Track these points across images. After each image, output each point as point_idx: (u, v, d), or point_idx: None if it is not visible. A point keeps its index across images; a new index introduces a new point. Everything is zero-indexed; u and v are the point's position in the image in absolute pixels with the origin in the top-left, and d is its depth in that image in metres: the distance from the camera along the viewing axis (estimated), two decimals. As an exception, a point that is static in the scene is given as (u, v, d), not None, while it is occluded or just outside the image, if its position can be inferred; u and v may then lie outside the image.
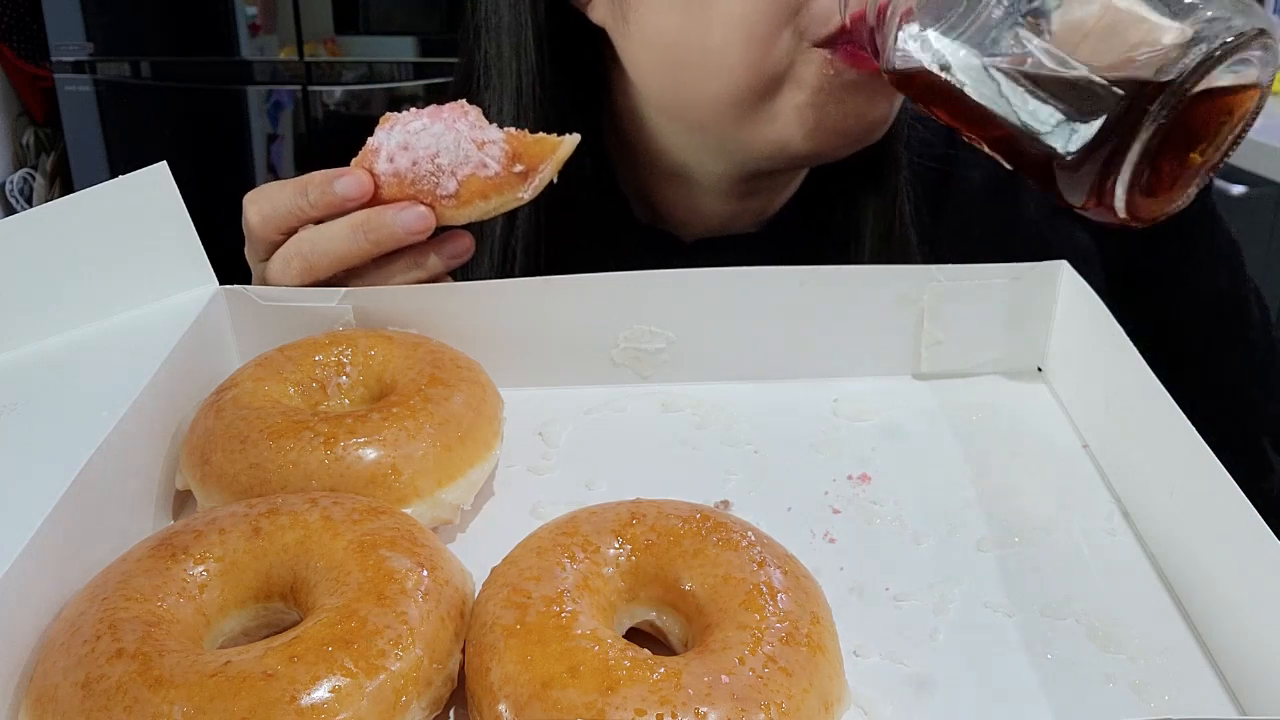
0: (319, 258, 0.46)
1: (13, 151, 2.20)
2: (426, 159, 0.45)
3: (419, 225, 0.45)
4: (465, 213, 0.46)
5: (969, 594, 0.36)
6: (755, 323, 0.48)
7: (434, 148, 0.45)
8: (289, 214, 0.46)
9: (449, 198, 0.45)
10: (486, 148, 0.45)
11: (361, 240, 0.45)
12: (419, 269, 0.47)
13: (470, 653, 0.30)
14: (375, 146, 0.46)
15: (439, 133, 0.45)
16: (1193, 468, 0.34)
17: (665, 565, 0.32)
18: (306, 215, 0.46)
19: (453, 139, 0.45)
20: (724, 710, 0.26)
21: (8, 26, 2.13)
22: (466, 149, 0.45)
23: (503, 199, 0.46)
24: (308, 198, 0.46)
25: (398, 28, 2.04)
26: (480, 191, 0.45)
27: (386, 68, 2.03)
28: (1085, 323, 0.45)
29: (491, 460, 0.40)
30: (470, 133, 0.45)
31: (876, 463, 0.43)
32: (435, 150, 0.45)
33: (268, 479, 0.36)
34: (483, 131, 0.45)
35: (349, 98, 2.06)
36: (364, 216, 0.45)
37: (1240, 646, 0.32)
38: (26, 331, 0.43)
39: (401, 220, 0.45)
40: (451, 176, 0.45)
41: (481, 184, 0.45)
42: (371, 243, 0.45)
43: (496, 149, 0.45)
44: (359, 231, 0.45)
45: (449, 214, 0.46)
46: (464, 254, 0.48)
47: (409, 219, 0.45)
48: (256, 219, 0.47)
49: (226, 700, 0.26)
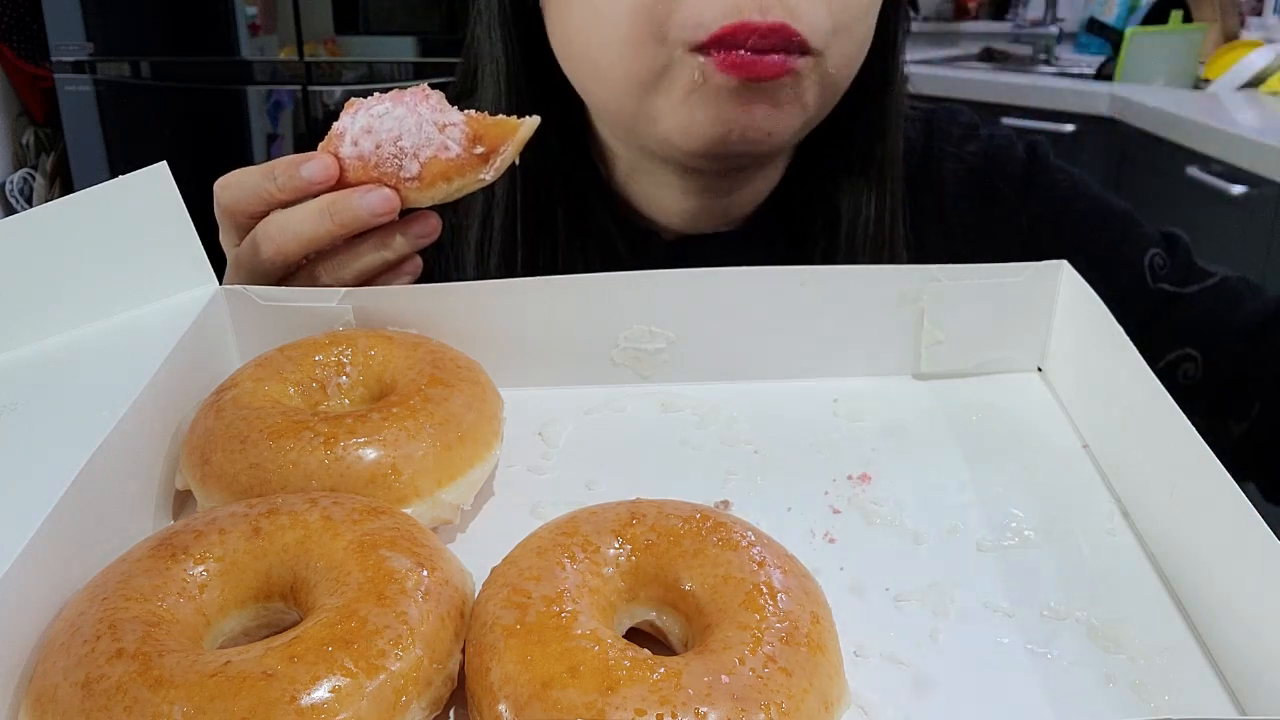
0: (287, 240, 0.47)
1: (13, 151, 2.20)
2: (389, 142, 0.45)
3: (383, 207, 0.46)
4: (429, 194, 0.46)
5: (969, 594, 0.36)
6: (755, 323, 0.48)
7: (396, 130, 0.45)
8: (257, 198, 0.48)
9: (412, 180, 0.46)
10: (448, 130, 0.46)
11: (328, 222, 0.46)
12: (386, 249, 0.48)
13: (470, 653, 0.30)
14: (340, 131, 0.47)
15: (401, 116, 0.46)
16: (1193, 468, 0.34)
17: (665, 565, 0.32)
18: (274, 199, 0.47)
19: (414, 122, 0.45)
20: (724, 710, 0.26)
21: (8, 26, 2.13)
22: (428, 132, 0.45)
23: (465, 180, 0.46)
24: (275, 182, 0.47)
25: (398, 28, 2.04)
26: (443, 173, 0.46)
27: (386, 68, 2.03)
28: (1085, 323, 0.45)
29: (491, 460, 0.40)
30: (432, 115, 0.46)
31: (876, 463, 0.43)
32: (398, 133, 0.45)
33: (268, 479, 0.36)
34: (444, 114, 0.46)
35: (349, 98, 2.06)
36: (330, 199, 0.46)
37: (1240, 646, 0.32)
38: (26, 331, 0.43)
39: (366, 202, 0.46)
40: (414, 159, 0.45)
41: (444, 166, 0.46)
42: (338, 224, 0.46)
43: (457, 131, 0.46)
44: (325, 214, 0.46)
45: (413, 196, 0.46)
46: (431, 234, 0.49)
47: (373, 201, 0.46)
48: (227, 203, 0.49)
49: (226, 700, 0.26)
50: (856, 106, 0.59)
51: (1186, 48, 2.04)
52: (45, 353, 0.43)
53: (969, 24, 2.73)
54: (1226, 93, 1.94)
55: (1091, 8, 2.41)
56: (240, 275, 0.49)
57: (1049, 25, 2.55)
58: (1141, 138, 1.83)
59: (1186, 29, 2.08)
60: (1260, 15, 2.26)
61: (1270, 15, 2.24)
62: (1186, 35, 2.06)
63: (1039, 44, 2.52)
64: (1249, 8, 2.26)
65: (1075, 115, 1.98)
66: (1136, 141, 1.85)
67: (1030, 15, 2.65)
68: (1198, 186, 1.65)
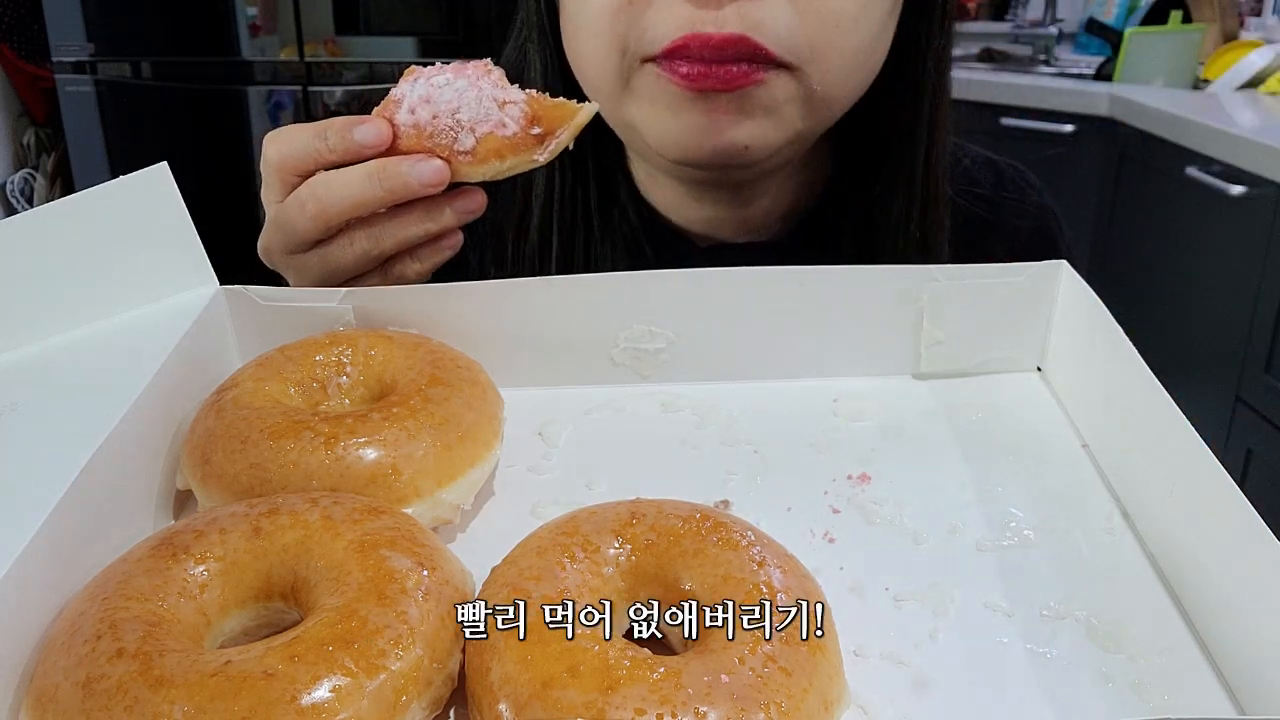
0: (333, 202, 0.46)
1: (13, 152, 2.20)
2: (447, 113, 0.45)
3: (434, 178, 0.45)
4: (481, 170, 0.46)
5: (969, 594, 0.36)
6: (755, 323, 0.48)
7: (455, 103, 0.45)
8: (307, 156, 0.47)
9: (466, 154, 0.45)
10: (507, 108, 0.45)
11: (376, 187, 0.45)
12: (431, 222, 0.47)
13: (470, 652, 0.30)
14: (398, 97, 0.46)
15: (462, 88, 0.45)
16: (1193, 468, 0.34)
17: (665, 565, 0.32)
18: (324, 159, 0.47)
19: (475, 96, 0.45)
20: (724, 710, 0.26)
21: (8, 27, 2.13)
22: (488, 107, 0.45)
23: (518, 159, 0.46)
24: (326, 141, 0.46)
25: (398, 28, 2.04)
26: (497, 150, 0.45)
27: (387, 68, 2.03)
28: (1085, 323, 0.45)
29: (491, 460, 0.40)
30: (493, 91, 0.45)
31: (876, 462, 0.43)
32: (457, 105, 0.45)
33: (268, 479, 0.36)
34: (505, 91, 0.46)
35: (349, 98, 2.06)
36: (380, 164, 0.46)
37: (1240, 646, 0.32)
38: (27, 331, 0.43)
39: (417, 171, 0.45)
40: (470, 133, 0.45)
41: (499, 143, 0.45)
42: (386, 190, 0.45)
43: (517, 110, 0.45)
44: (374, 179, 0.45)
45: (464, 170, 0.46)
46: (476, 210, 0.48)
47: (424, 171, 0.45)
48: (276, 158, 0.47)
49: (227, 700, 0.26)
50: (888, 117, 0.58)
51: (1186, 48, 2.04)
52: (45, 353, 0.43)
53: (969, 24, 2.72)
54: (1226, 93, 1.94)
55: (1091, 8, 2.41)
56: (279, 232, 0.48)
57: (1048, 26, 2.55)
58: (1141, 138, 1.83)
59: (1186, 29, 2.08)
60: (1260, 15, 2.26)
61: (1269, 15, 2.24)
62: (1186, 35, 2.06)
63: (1038, 44, 2.52)
64: (1248, 8, 2.26)
65: (1074, 116, 1.98)
66: (1136, 142, 1.85)
67: (1030, 16, 2.65)
68: (1197, 187, 1.65)
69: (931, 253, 0.60)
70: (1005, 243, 0.67)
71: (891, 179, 0.60)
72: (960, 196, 0.64)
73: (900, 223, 0.60)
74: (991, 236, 0.66)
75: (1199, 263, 1.74)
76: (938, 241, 0.61)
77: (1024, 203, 0.68)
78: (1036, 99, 2.03)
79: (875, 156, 0.60)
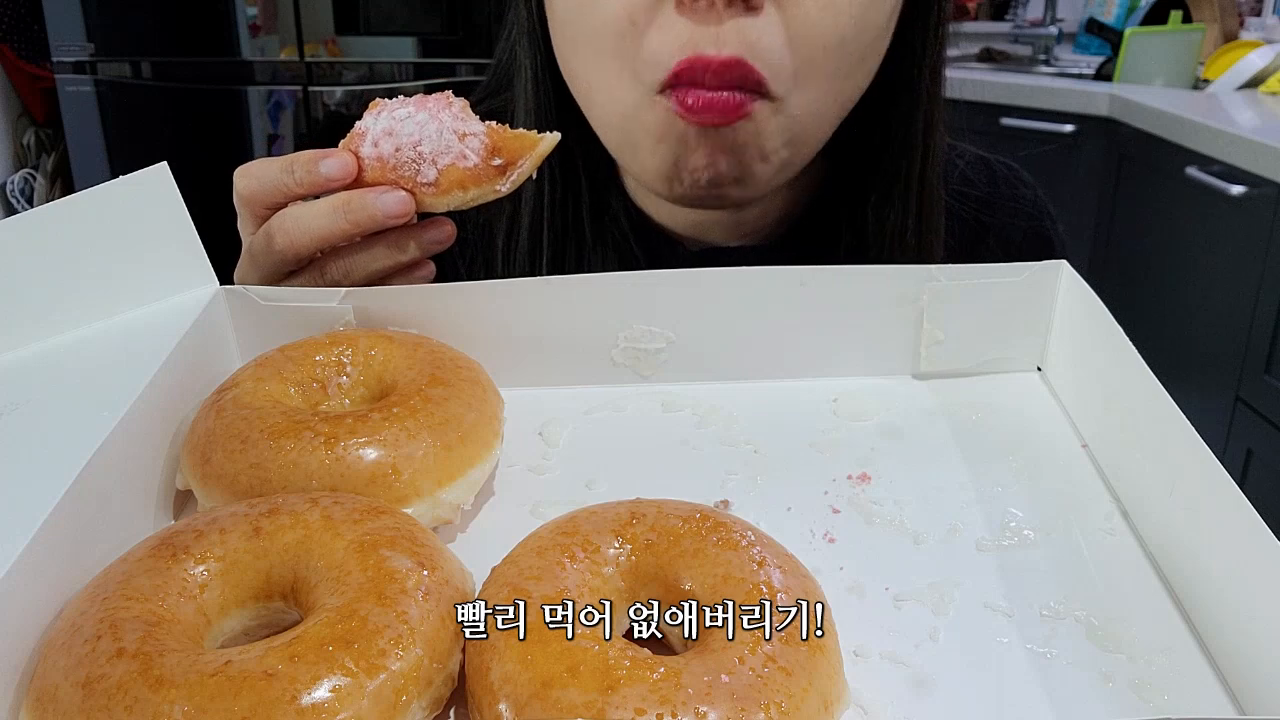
0: (300, 234, 0.47)
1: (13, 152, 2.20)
2: (409, 146, 0.45)
3: (398, 209, 0.46)
4: (444, 201, 0.46)
5: (969, 594, 0.36)
6: (755, 323, 0.48)
7: (416, 135, 0.45)
8: (275, 190, 0.47)
9: (429, 185, 0.46)
10: (467, 139, 0.46)
11: (341, 220, 0.46)
12: (400, 252, 0.48)
13: (470, 652, 0.30)
14: (361, 130, 0.47)
15: (423, 121, 0.46)
16: (1193, 468, 0.34)
17: (665, 565, 0.32)
18: (291, 192, 0.47)
19: (435, 128, 0.45)
20: (724, 710, 0.26)
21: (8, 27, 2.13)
22: (448, 139, 0.45)
23: (480, 190, 0.46)
24: (293, 175, 0.47)
25: (398, 28, 2.04)
26: (459, 182, 0.46)
27: (387, 68, 2.03)
28: (1085, 323, 0.45)
29: (491, 460, 0.40)
30: (453, 124, 0.46)
31: (876, 462, 0.43)
32: (418, 138, 0.45)
33: (268, 479, 0.36)
34: (465, 124, 0.46)
35: (349, 98, 2.06)
36: (346, 197, 0.46)
37: (1240, 646, 0.32)
38: (27, 331, 0.43)
39: (382, 203, 0.46)
40: (432, 165, 0.45)
41: (460, 174, 0.46)
42: (351, 223, 0.46)
43: (477, 141, 0.46)
44: (340, 211, 0.46)
45: (428, 201, 0.46)
46: (445, 241, 0.49)
47: (389, 203, 0.46)
48: (245, 192, 0.48)
49: (227, 700, 0.26)
50: (882, 126, 0.58)
51: (1186, 48, 2.04)
52: (45, 353, 0.43)
53: (968, 24, 2.72)
54: (1226, 93, 1.94)
55: (1091, 8, 2.41)
56: (252, 264, 0.49)
57: (1048, 26, 2.55)
58: (1141, 138, 1.83)
59: (1186, 29, 2.08)
60: (1260, 15, 2.26)
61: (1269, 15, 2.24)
62: (1186, 36, 2.06)
63: (1038, 44, 2.52)
64: (1248, 8, 2.26)
65: (1074, 116, 1.98)
66: (1136, 142, 1.85)
67: (1030, 16, 2.65)
68: (1197, 187, 1.65)
69: (927, 259, 0.60)
70: (1000, 241, 0.67)
71: (887, 188, 0.59)
72: (955, 198, 0.64)
73: (896, 231, 0.60)
74: (987, 235, 0.66)
75: (1199, 263, 1.74)
76: (934, 248, 0.61)
77: (1018, 201, 0.68)
78: (1036, 99, 2.03)
79: (870, 165, 0.60)
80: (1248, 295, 1.58)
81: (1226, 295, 1.65)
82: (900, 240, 0.60)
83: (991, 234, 0.66)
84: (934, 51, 0.58)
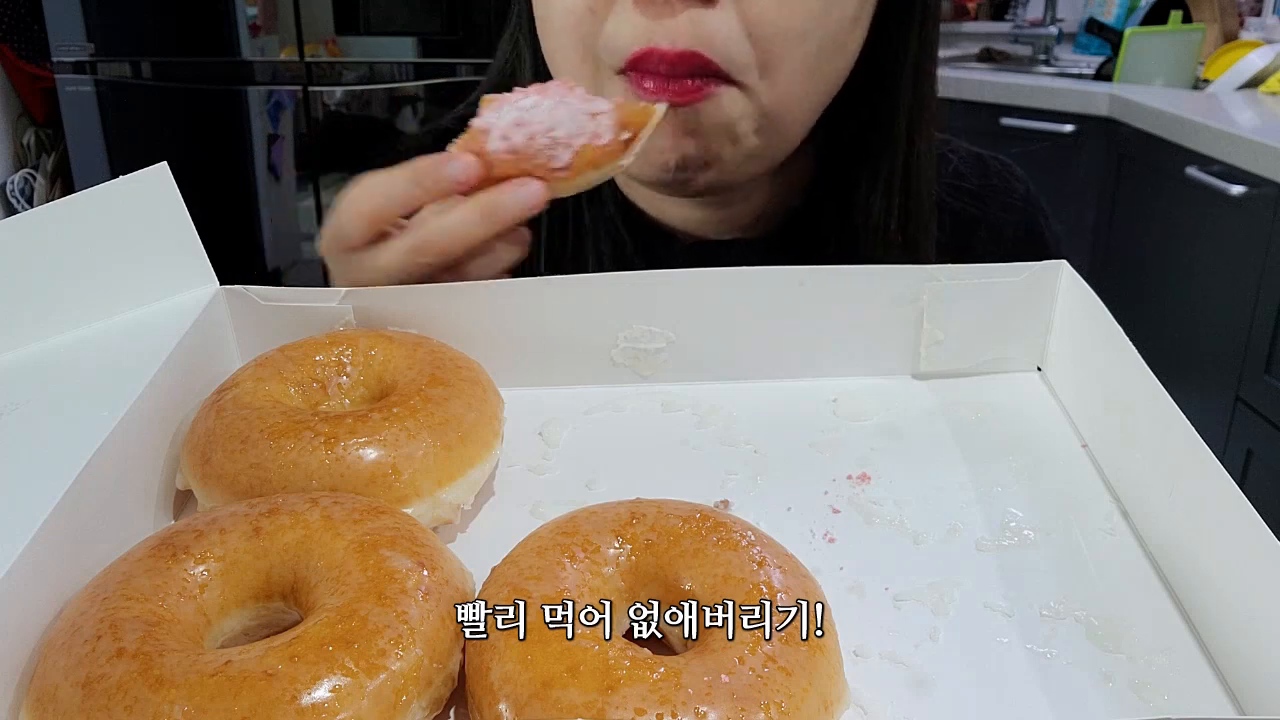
0: (452, 244, 0.47)
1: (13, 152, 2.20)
2: (543, 132, 0.45)
3: (534, 202, 0.46)
4: (574, 183, 0.46)
5: (969, 594, 0.36)
6: (755, 323, 0.48)
7: (549, 122, 0.45)
8: (406, 203, 0.47)
9: (562, 169, 0.46)
10: (598, 118, 0.46)
11: (489, 225, 0.46)
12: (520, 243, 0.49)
13: (470, 652, 0.30)
14: (484, 127, 0.46)
15: (552, 107, 0.46)
16: (1192, 468, 0.34)
17: (665, 565, 0.32)
18: (420, 202, 0.47)
19: (566, 112, 0.46)
20: (724, 710, 0.26)
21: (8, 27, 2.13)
22: (581, 120, 0.46)
23: (611, 166, 0.47)
24: (422, 186, 0.47)
25: (398, 28, 2.04)
26: (592, 161, 0.46)
27: (387, 68, 2.03)
28: (1085, 323, 0.45)
29: (491, 460, 0.40)
30: (581, 105, 0.46)
31: (876, 462, 0.43)
32: (551, 124, 0.45)
33: (268, 479, 0.36)
34: (592, 103, 0.46)
35: (349, 98, 2.06)
36: (487, 202, 0.46)
37: (1240, 646, 0.32)
38: (27, 331, 0.43)
39: (519, 199, 0.46)
40: (567, 148, 0.45)
41: (594, 153, 0.46)
42: (498, 223, 0.46)
43: (607, 119, 0.46)
44: (486, 218, 0.46)
45: (558, 186, 0.46)
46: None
47: (524, 197, 0.46)
48: (372, 210, 0.47)
49: (227, 700, 0.26)
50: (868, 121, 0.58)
51: (1186, 48, 2.04)
52: (45, 353, 0.43)
53: (968, 24, 2.72)
54: (1226, 93, 1.94)
55: (1091, 8, 2.41)
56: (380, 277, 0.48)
57: (1048, 26, 2.55)
58: (1141, 138, 1.83)
59: (1186, 29, 2.08)
60: (1260, 15, 2.26)
61: (1269, 15, 2.24)
62: (1186, 36, 2.06)
63: (1038, 44, 2.52)
64: (1248, 8, 2.26)
65: (1075, 116, 1.98)
66: (1136, 142, 1.85)
67: (1030, 16, 2.65)
68: (1197, 187, 1.65)
69: (917, 254, 0.60)
70: (992, 235, 0.67)
71: (871, 183, 0.60)
72: (947, 193, 0.64)
73: (880, 226, 0.60)
74: (978, 229, 0.66)
75: (1199, 263, 1.74)
76: (923, 244, 0.61)
77: (1010, 195, 0.68)
78: (1036, 99, 2.03)
79: (856, 161, 0.60)
80: (1248, 295, 1.58)
81: (1226, 295, 1.65)
82: (887, 236, 0.60)
83: (983, 228, 0.66)
84: (917, 50, 0.58)
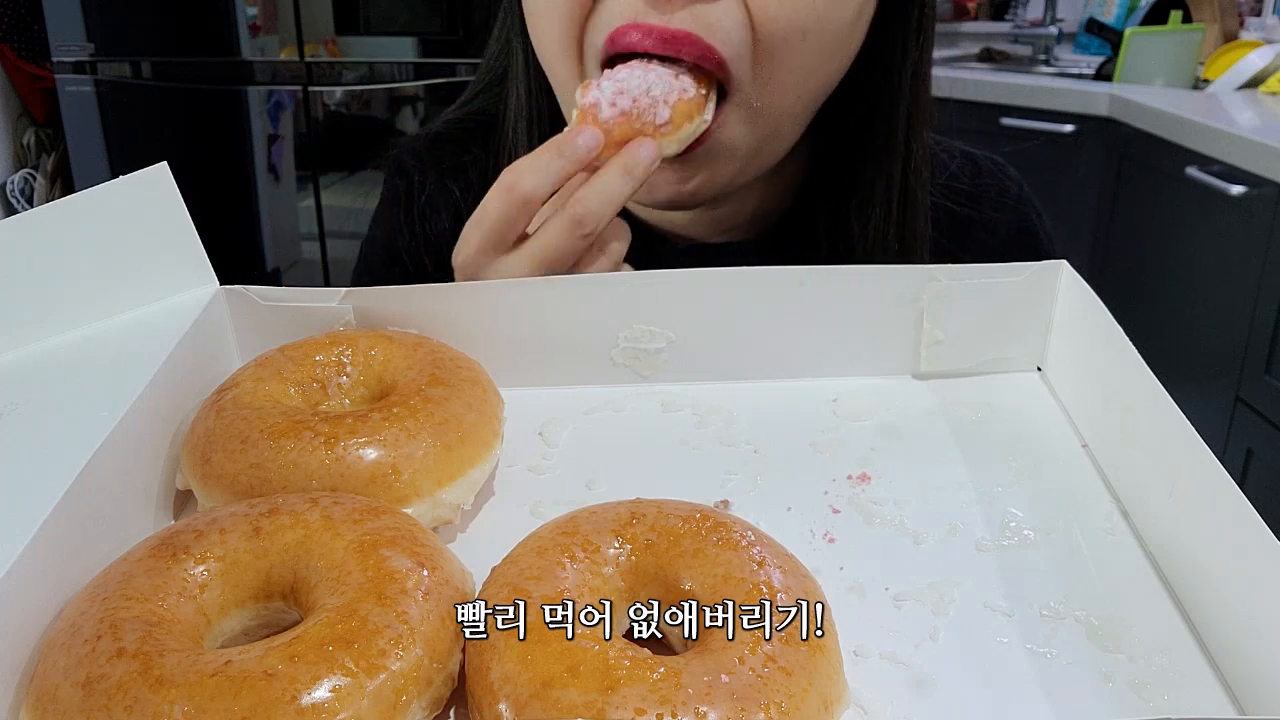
0: (610, 208, 0.49)
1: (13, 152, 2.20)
2: (643, 94, 0.49)
3: (655, 155, 0.49)
4: (677, 137, 0.50)
5: (969, 594, 0.36)
6: (755, 323, 0.48)
7: (644, 84, 0.50)
8: (558, 178, 0.49)
9: (665, 125, 0.50)
10: (681, 77, 0.50)
11: (630, 179, 0.49)
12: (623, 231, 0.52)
13: (470, 652, 0.30)
14: (592, 102, 0.50)
15: (642, 74, 0.50)
16: (1192, 467, 0.34)
17: (665, 565, 0.32)
18: (567, 174, 0.49)
19: (655, 76, 0.50)
20: (724, 710, 0.26)
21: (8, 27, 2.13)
22: (668, 80, 0.50)
23: (702, 118, 0.51)
24: (565, 158, 0.49)
25: (398, 28, 2.04)
26: (687, 113, 0.50)
27: (387, 68, 2.03)
28: (1085, 323, 0.45)
29: (491, 460, 0.40)
30: (662, 69, 0.50)
31: (876, 462, 0.43)
32: (647, 86, 0.50)
33: (268, 479, 0.36)
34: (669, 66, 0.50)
35: (349, 98, 2.06)
36: (622, 160, 0.49)
37: (1240, 646, 0.32)
38: (27, 331, 0.43)
39: (647, 152, 0.49)
40: (665, 105, 0.50)
41: (687, 105, 0.50)
42: (637, 179, 0.49)
43: (687, 77, 0.50)
44: (625, 172, 0.49)
45: (666, 143, 0.50)
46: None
47: (649, 150, 0.49)
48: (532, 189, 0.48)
49: (227, 700, 0.26)
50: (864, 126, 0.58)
51: (1186, 48, 2.04)
52: (45, 353, 0.43)
53: (968, 24, 2.72)
54: (1225, 93, 1.94)
55: (1091, 8, 2.41)
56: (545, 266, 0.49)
57: (1048, 26, 2.55)
58: (1141, 138, 1.83)
59: (1186, 29, 2.08)
60: (1260, 15, 2.26)
61: (1269, 15, 2.24)
62: (1186, 36, 2.06)
63: (1038, 44, 2.52)
64: (1248, 8, 2.26)
65: (1075, 116, 1.98)
66: (1136, 142, 1.85)
67: (1030, 16, 2.65)
68: (1197, 187, 1.65)
69: (910, 255, 0.60)
70: (986, 234, 0.66)
71: (868, 188, 0.59)
72: (943, 195, 0.64)
73: (877, 231, 0.60)
74: (973, 229, 0.66)
75: (1199, 263, 1.74)
76: (916, 245, 0.61)
77: (1004, 194, 0.68)
78: (1036, 99, 2.03)
79: (851, 164, 0.60)
80: (1248, 295, 1.58)
81: (1226, 295, 1.65)
82: (882, 238, 0.60)
83: (977, 227, 0.66)
84: (916, 53, 0.58)
